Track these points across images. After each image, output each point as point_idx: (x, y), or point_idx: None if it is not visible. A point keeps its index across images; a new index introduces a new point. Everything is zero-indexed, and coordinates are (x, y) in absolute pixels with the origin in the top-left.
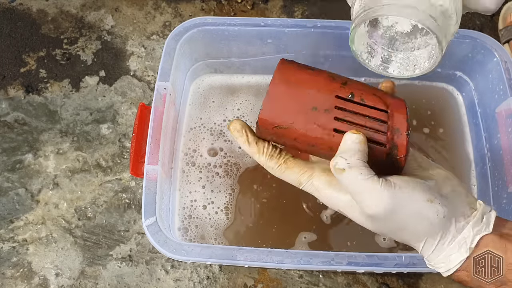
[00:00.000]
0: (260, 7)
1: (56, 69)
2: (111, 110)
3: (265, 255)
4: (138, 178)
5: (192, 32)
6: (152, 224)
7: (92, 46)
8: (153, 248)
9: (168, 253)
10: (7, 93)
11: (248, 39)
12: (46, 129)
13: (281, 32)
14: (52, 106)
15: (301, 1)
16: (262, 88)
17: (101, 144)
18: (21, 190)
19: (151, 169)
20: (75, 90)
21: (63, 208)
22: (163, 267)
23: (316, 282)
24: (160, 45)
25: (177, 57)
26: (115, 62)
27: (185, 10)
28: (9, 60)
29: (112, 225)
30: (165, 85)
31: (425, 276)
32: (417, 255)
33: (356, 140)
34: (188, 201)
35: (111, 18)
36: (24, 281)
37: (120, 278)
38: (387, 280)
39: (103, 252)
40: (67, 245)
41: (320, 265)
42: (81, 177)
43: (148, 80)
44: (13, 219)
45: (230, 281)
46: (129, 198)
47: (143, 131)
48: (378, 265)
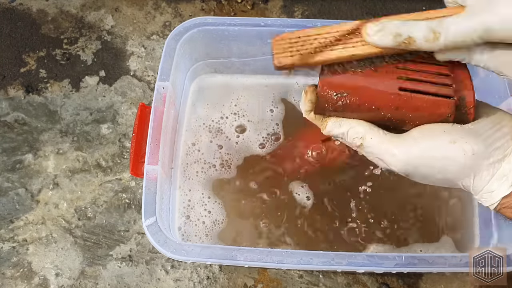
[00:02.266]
0: (260, 7)
1: (56, 69)
2: (111, 110)
3: (265, 255)
4: (138, 178)
5: (192, 32)
6: (152, 224)
7: (92, 46)
8: (153, 248)
9: (168, 253)
10: (7, 93)
11: (248, 39)
12: (46, 129)
13: (281, 32)
14: (52, 106)
15: (301, 1)
16: (262, 87)
17: (101, 144)
18: (21, 190)
19: (151, 169)
20: (75, 90)
21: (63, 208)
22: (163, 267)
23: (316, 282)
24: (160, 45)
25: (177, 57)
26: (115, 62)
27: (185, 10)
28: (9, 60)
29: (112, 225)
30: (165, 85)
31: (425, 276)
32: (417, 255)
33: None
34: (188, 201)
35: (111, 18)
36: (24, 281)
37: (120, 278)
38: (387, 280)
39: (103, 252)
40: (67, 245)
41: (320, 265)
42: (81, 177)
43: (148, 80)
44: (13, 219)
45: (230, 281)
46: (129, 198)
47: (143, 131)
48: (378, 265)
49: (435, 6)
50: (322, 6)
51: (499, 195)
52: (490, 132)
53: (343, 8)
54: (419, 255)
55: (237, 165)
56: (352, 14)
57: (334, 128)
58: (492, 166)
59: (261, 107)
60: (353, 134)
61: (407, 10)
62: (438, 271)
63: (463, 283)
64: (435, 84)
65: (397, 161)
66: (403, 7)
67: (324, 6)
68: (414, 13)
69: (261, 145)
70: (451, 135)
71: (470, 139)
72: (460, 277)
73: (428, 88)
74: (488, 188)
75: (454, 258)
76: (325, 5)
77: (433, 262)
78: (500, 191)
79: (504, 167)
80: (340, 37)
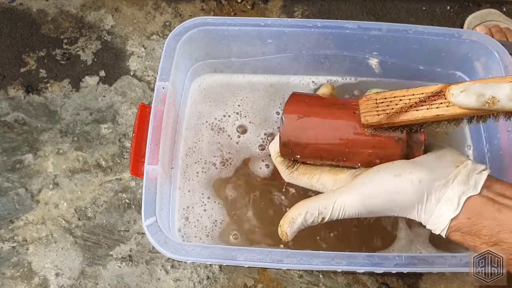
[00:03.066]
0: (260, 7)
1: (56, 69)
2: (111, 110)
3: (265, 255)
4: (138, 178)
5: (192, 32)
6: (152, 224)
7: (92, 46)
8: (153, 248)
9: (168, 253)
10: (7, 93)
11: (248, 39)
12: (46, 129)
13: (281, 32)
14: (52, 106)
15: (301, 1)
16: (262, 87)
17: (101, 144)
18: (21, 190)
19: (151, 169)
20: (75, 90)
21: (63, 208)
22: (163, 267)
23: (316, 282)
24: (160, 45)
25: (177, 57)
26: (115, 62)
27: (185, 10)
28: (9, 60)
29: (112, 225)
30: (165, 85)
31: (425, 276)
32: (417, 255)
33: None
34: (188, 201)
35: (111, 18)
36: (24, 281)
37: (120, 278)
38: (387, 280)
39: (103, 252)
40: (67, 245)
41: (320, 265)
42: (81, 177)
43: (148, 80)
44: (13, 219)
45: (230, 281)
46: (129, 198)
47: (143, 131)
48: (378, 265)
49: (435, 6)
50: (322, 6)
51: (448, 217)
52: (434, 162)
53: (343, 8)
54: (419, 255)
55: (237, 165)
56: (352, 14)
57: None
58: (438, 190)
59: (265, 108)
60: (310, 218)
61: (407, 10)
62: (438, 271)
63: (463, 283)
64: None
65: (351, 205)
66: (403, 7)
67: (324, 6)
68: (496, 77)
69: (260, 147)
70: (396, 169)
71: (414, 170)
72: (460, 277)
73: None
74: (437, 213)
75: (454, 258)
76: (325, 5)
77: (433, 262)
78: (448, 214)
79: (449, 192)
80: (425, 99)
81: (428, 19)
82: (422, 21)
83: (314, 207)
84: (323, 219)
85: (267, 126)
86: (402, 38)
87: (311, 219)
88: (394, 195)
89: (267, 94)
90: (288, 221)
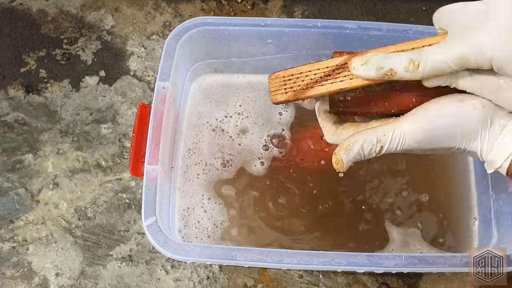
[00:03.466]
0: (260, 7)
1: (56, 69)
2: (111, 110)
3: (265, 255)
4: (138, 178)
5: (192, 32)
6: (152, 224)
7: (92, 46)
8: (153, 248)
9: (168, 253)
10: (7, 93)
11: (248, 39)
12: (46, 129)
13: (281, 32)
14: (52, 106)
15: (301, 1)
16: (263, 87)
17: (101, 144)
18: (21, 190)
19: (151, 169)
20: (75, 90)
21: (63, 208)
22: (163, 267)
23: (316, 282)
24: (160, 45)
25: (177, 57)
26: (115, 62)
27: (185, 10)
28: (9, 60)
29: (112, 225)
30: (165, 85)
31: (425, 276)
32: (417, 255)
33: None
34: (188, 201)
35: (111, 18)
36: (24, 281)
37: (120, 278)
38: (387, 280)
39: (103, 252)
40: (67, 245)
41: (320, 265)
42: (81, 177)
43: (148, 80)
44: (13, 219)
45: (230, 281)
46: (129, 198)
47: (143, 131)
48: (378, 265)
49: (435, 6)
50: (322, 6)
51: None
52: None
53: (343, 8)
54: (419, 255)
55: (238, 166)
56: (352, 14)
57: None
58: (502, 118)
59: (267, 109)
60: (367, 146)
61: (407, 10)
62: (438, 271)
63: (463, 283)
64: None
65: (413, 133)
66: (403, 7)
67: (324, 6)
68: (403, 44)
69: (264, 147)
70: (458, 96)
71: (477, 97)
72: (460, 277)
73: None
74: (500, 141)
75: (454, 258)
76: (325, 5)
77: (433, 262)
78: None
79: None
80: (330, 72)
81: (428, 19)
82: (422, 21)
83: (373, 134)
84: (382, 148)
85: (270, 127)
86: (402, 38)
87: (369, 147)
88: (458, 119)
89: (268, 94)
90: (344, 148)
